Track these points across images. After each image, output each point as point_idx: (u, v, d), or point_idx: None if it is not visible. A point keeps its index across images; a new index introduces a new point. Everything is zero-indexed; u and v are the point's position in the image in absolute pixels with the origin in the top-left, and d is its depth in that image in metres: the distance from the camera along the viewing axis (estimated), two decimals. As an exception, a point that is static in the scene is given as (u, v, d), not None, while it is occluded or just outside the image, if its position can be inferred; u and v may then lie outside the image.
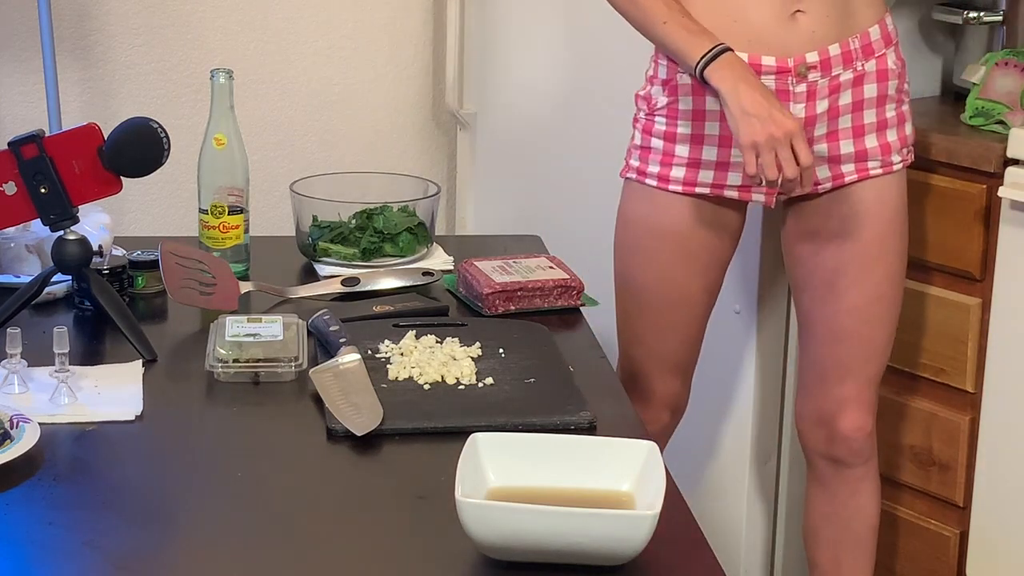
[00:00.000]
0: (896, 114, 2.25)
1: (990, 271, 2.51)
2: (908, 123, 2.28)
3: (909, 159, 2.29)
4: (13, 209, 1.92)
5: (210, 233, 2.20)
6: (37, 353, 1.82)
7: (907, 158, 2.29)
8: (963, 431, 2.59)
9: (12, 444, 1.58)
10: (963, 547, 2.63)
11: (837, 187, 2.24)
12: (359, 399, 1.72)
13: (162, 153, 1.93)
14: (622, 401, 1.84)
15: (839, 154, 2.21)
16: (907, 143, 2.28)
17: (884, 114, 2.23)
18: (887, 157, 2.24)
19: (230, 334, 1.86)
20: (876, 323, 2.31)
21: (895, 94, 2.24)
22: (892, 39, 2.23)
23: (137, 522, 1.49)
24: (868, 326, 2.31)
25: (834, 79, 2.17)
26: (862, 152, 2.22)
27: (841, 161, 2.22)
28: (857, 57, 2.18)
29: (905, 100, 2.27)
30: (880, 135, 2.23)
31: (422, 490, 1.55)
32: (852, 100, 2.19)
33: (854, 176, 2.23)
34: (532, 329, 1.98)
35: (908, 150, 2.29)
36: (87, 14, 3.07)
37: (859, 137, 2.22)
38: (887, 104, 2.23)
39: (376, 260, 2.26)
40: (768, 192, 2.23)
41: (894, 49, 2.24)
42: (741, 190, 2.23)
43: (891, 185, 2.26)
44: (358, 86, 3.32)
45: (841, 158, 2.22)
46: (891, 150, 2.24)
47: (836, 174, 2.23)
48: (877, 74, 2.20)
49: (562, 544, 1.37)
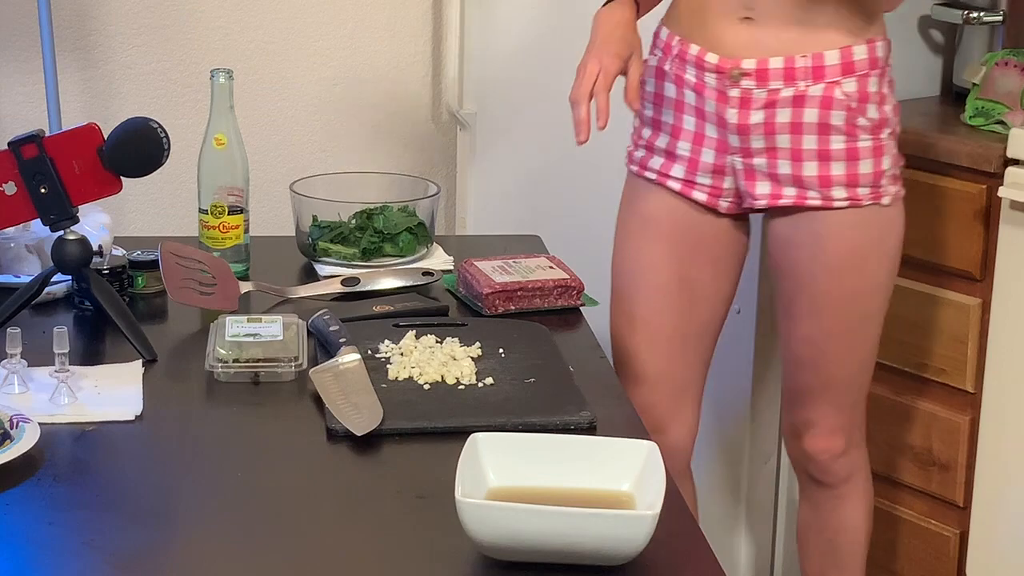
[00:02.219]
0: (846, 148, 2.12)
1: (990, 271, 2.51)
2: (867, 161, 2.13)
3: (867, 200, 2.14)
4: (13, 209, 1.92)
5: (210, 233, 2.20)
6: (37, 353, 1.82)
7: (860, 197, 2.14)
8: (963, 431, 2.59)
9: (12, 444, 1.58)
10: (963, 547, 2.63)
11: (776, 207, 2.17)
12: (359, 399, 1.72)
13: (162, 153, 1.93)
14: (622, 401, 1.84)
15: (777, 173, 2.14)
16: (862, 182, 2.13)
17: (828, 144, 2.12)
18: (827, 191, 2.13)
19: (230, 334, 1.86)
20: (833, 358, 2.24)
21: (843, 125, 2.11)
22: (856, 69, 2.11)
23: (137, 522, 1.49)
24: (825, 359, 2.24)
25: (772, 92, 2.10)
26: (799, 178, 2.13)
27: (780, 181, 2.15)
28: (803, 76, 2.10)
29: (863, 136, 2.13)
30: (823, 165, 2.12)
31: (422, 490, 1.55)
32: (791, 120, 2.11)
33: (791, 201, 2.15)
34: (532, 329, 1.98)
35: (868, 189, 2.14)
36: (87, 14, 3.07)
37: (797, 161, 2.13)
38: (832, 135, 2.11)
39: (376, 260, 2.26)
40: (711, 193, 2.19)
41: (857, 79, 2.11)
42: (684, 183, 2.21)
43: (847, 222, 2.15)
44: (358, 86, 3.32)
45: (779, 178, 2.14)
46: (831, 184, 2.13)
47: (774, 193, 2.15)
48: (821, 100, 2.10)
49: (562, 544, 1.37)
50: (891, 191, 2.17)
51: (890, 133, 2.17)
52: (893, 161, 2.18)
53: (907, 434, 2.69)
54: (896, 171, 2.19)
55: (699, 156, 2.19)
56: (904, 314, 2.65)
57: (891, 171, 2.17)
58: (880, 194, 2.15)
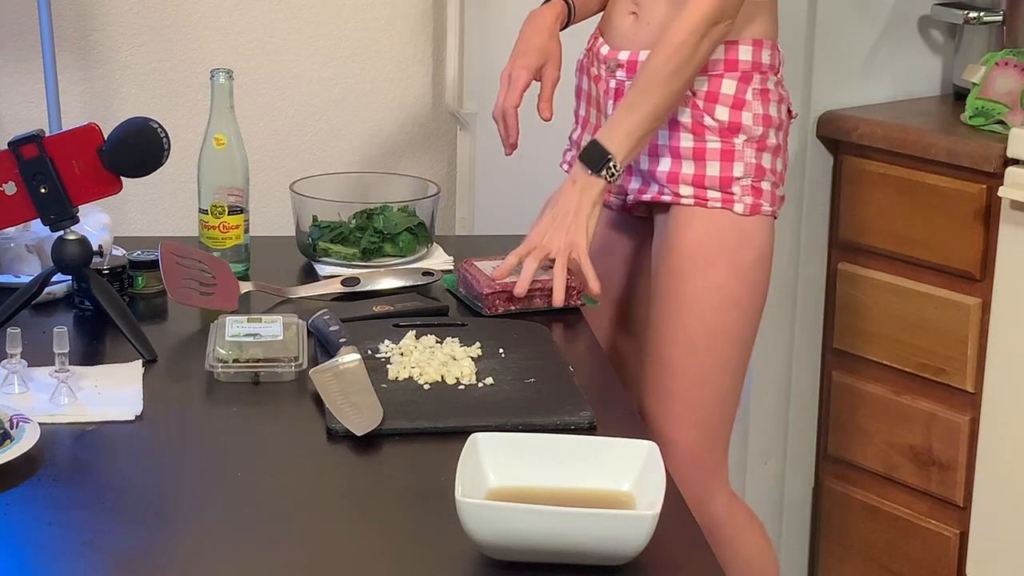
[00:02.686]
0: (694, 147, 2.07)
1: (990, 271, 2.51)
2: (714, 164, 2.06)
3: (715, 203, 2.07)
4: (13, 209, 1.92)
5: (210, 233, 2.20)
6: (37, 353, 1.82)
7: (707, 199, 2.07)
8: (963, 431, 2.59)
9: (12, 444, 1.58)
10: (963, 547, 2.63)
11: (643, 203, 2.15)
12: (359, 399, 1.72)
13: (162, 153, 1.93)
14: (622, 401, 1.84)
15: (640, 168, 2.13)
16: (708, 184, 2.07)
17: (678, 141, 2.08)
18: (675, 187, 2.09)
19: (230, 334, 1.86)
20: (671, 371, 2.10)
21: (689, 123, 2.06)
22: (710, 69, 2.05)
23: (137, 522, 1.49)
24: (664, 372, 2.12)
25: None
26: (653, 173, 2.11)
27: (643, 176, 2.13)
28: None
29: (711, 136, 2.06)
30: (674, 162, 2.08)
31: (422, 490, 1.55)
32: None
33: (651, 196, 2.12)
34: (532, 329, 1.98)
35: (717, 192, 2.06)
36: (87, 14, 3.07)
37: (654, 156, 2.10)
38: (680, 131, 2.07)
39: (376, 260, 2.26)
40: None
41: (709, 79, 2.05)
42: None
43: (696, 220, 2.08)
44: (358, 86, 3.32)
45: (643, 173, 2.13)
46: (679, 181, 2.08)
47: (641, 189, 2.14)
48: None
49: (562, 544, 1.37)
50: (747, 201, 2.07)
51: (747, 140, 2.07)
52: (749, 171, 2.07)
53: (907, 434, 2.69)
54: (759, 184, 2.08)
55: None
56: (904, 314, 2.65)
57: (747, 181, 2.07)
58: (732, 201, 2.07)
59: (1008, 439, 2.52)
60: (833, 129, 2.74)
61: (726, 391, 2.14)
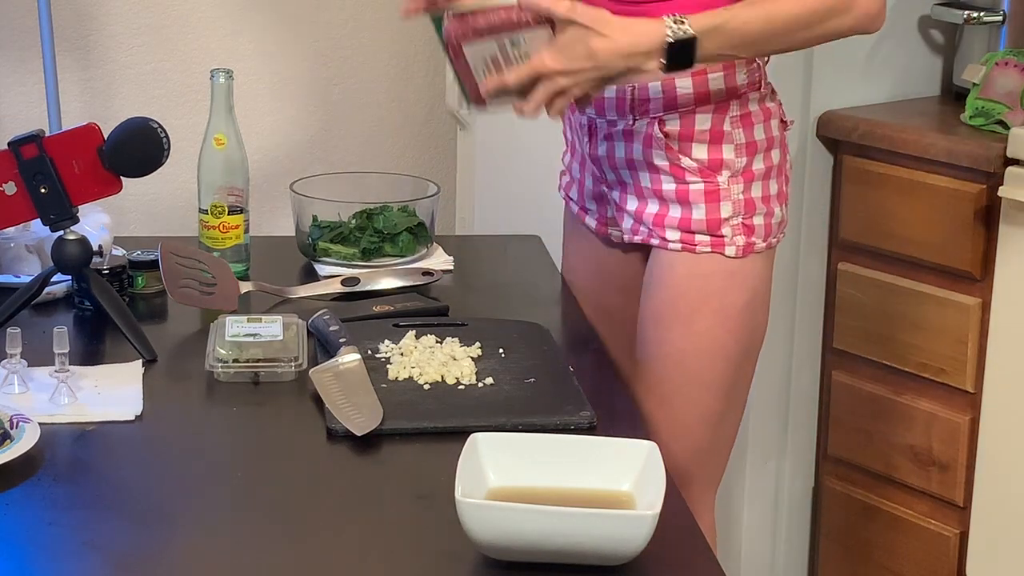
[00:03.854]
0: (676, 189, 1.95)
1: (990, 271, 2.51)
2: (699, 207, 1.95)
3: (704, 247, 1.96)
4: (13, 209, 1.92)
5: (210, 233, 2.20)
6: (37, 353, 1.82)
7: (696, 243, 1.96)
8: (963, 431, 2.60)
9: (12, 444, 1.58)
10: (963, 547, 2.63)
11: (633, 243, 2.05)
12: (359, 399, 1.72)
13: (162, 153, 1.93)
14: (622, 401, 1.84)
15: (625, 208, 2.02)
16: (695, 228, 1.95)
17: (660, 184, 1.97)
18: (660, 232, 1.97)
19: (230, 334, 1.86)
20: (648, 418, 1.96)
21: (667, 165, 1.95)
22: (680, 104, 1.93)
23: (137, 522, 1.49)
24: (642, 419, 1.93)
25: (611, 124, 1.99)
26: (640, 214, 2.00)
27: (633, 217, 2.02)
28: (630, 110, 1.96)
29: (692, 178, 1.95)
30: (662, 205, 1.97)
31: (422, 490, 1.55)
32: (626, 156, 1.99)
33: (641, 239, 2.01)
34: (532, 329, 1.98)
35: (706, 236, 1.95)
36: (87, 14, 3.07)
37: (640, 198, 1.99)
38: (661, 174, 1.96)
39: (376, 260, 2.26)
40: (599, 220, 2.11)
41: (681, 117, 1.93)
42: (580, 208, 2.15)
43: (679, 265, 1.97)
44: (358, 86, 3.32)
45: (632, 213, 2.02)
46: (664, 225, 1.97)
47: (633, 228, 2.03)
48: (644, 138, 1.96)
49: (562, 544, 1.37)
50: (738, 242, 1.95)
51: (733, 176, 1.95)
52: (739, 209, 1.95)
53: (907, 434, 2.69)
54: (750, 220, 1.96)
55: (584, 180, 2.13)
56: (904, 314, 2.65)
57: (737, 220, 1.95)
58: (723, 244, 1.95)
59: (1008, 439, 2.52)
60: (833, 129, 2.74)
61: (706, 439, 2.04)
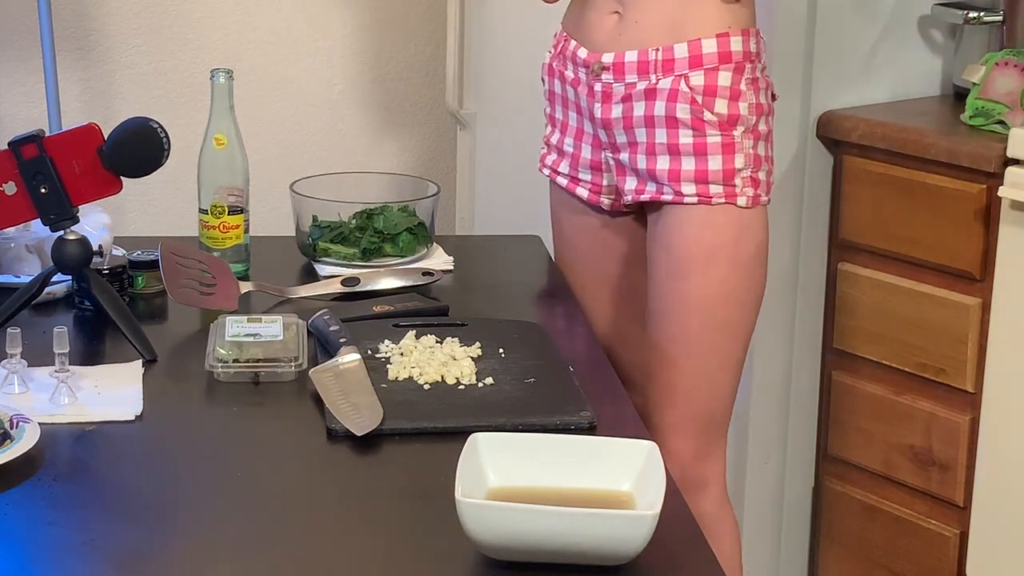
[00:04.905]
0: (694, 143, 2.06)
1: (990, 271, 2.51)
2: (716, 158, 2.06)
3: (719, 198, 2.07)
4: (13, 209, 1.92)
5: (210, 233, 2.20)
6: (37, 353, 1.82)
7: (711, 195, 2.07)
8: (963, 431, 2.59)
9: (12, 444, 1.58)
10: (963, 547, 2.63)
11: (642, 203, 2.13)
12: (359, 399, 1.72)
13: (162, 153, 1.93)
14: (622, 401, 1.84)
15: (637, 168, 2.10)
16: (712, 179, 2.06)
17: (677, 138, 2.06)
18: (676, 186, 2.07)
19: (230, 334, 1.86)
20: (671, 366, 2.12)
21: (689, 119, 2.05)
22: (705, 63, 2.05)
23: (137, 522, 1.49)
24: (665, 367, 2.13)
25: (629, 86, 2.08)
26: (652, 172, 2.09)
27: (641, 176, 2.11)
28: (654, 70, 2.06)
29: (711, 131, 2.06)
30: (673, 160, 2.07)
31: (422, 490, 1.55)
32: (645, 113, 2.08)
33: (650, 196, 2.10)
34: (532, 329, 1.98)
35: (720, 187, 2.07)
36: (87, 14, 3.07)
37: (651, 155, 2.08)
38: (680, 128, 2.06)
39: (376, 260, 2.26)
40: (592, 190, 2.19)
41: (706, 73, 2.05)
42: (569, 179, 2.22)
43: (695, 218, 2.08)
44: (358, 86, 3.32)
45: (640, 173, 2.10)
46: (680, 179, 2.07)
47: (638, 188, 2.12)
48: (669, 93, 2.05)
49: (562, 544, 1.37)
50: (748, 193, 2.08)
51: (745, 131, 2.08)
52: (749, 162, 2.08)
53: (907, 434, 2.69)
54: (757, 174, 2.10)
55: (579, 152, 2.19)
56: (904, 314, 2.65)
57: (747, 172, 2.08)
58: (735, 194, 2.07)
59: (1008, 439, 2.52)
60: (833, 129, 2.73)
61: (726, 383, 2.16)
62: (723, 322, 2.12)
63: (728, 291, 2.11)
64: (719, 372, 2.15)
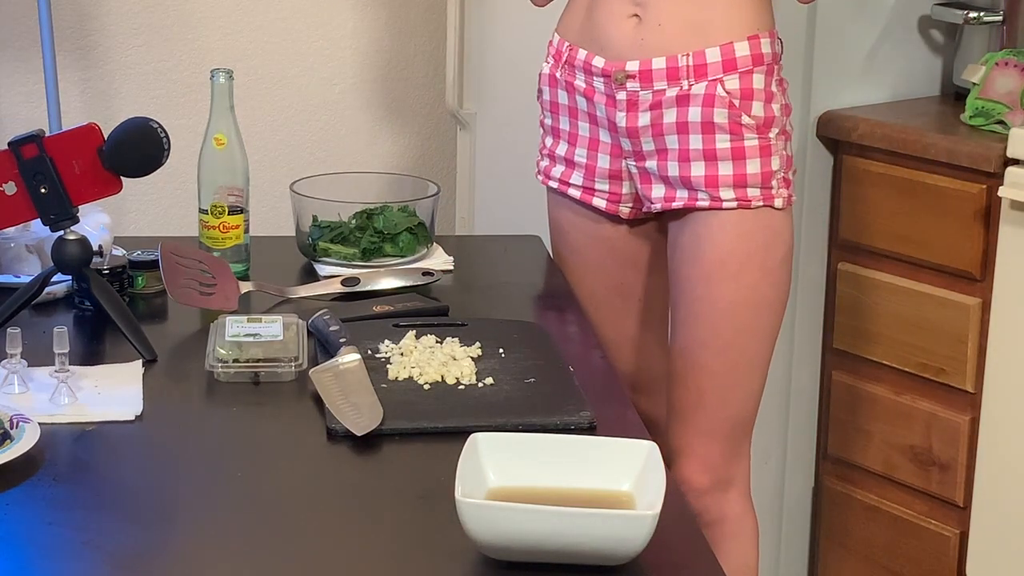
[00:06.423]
0: (732, 147, 2.05)
1: (990, 271, 2.51)
2: (754, 161, 2.05)
3: (757, 201, 2.06)
4: (13, 209, 1.92)
5: (210, 233, 2.20)
6: (37, 353, 1.82)
7: (750, 198, 2.06)
8: (963, 431, 2.60)
9: (12, 444, 1.58)
10: (963, 547, 2.63)
11: (670, 210, 2.11)
12: (359, 399, 1.72)
13: (162, 153, 1.93)
14: (622, 401, 1.84)
15: (667, 175, 2.08)
16: (751, 183, 2.06)
17: (713, 143, 2.05)
18: (714, 191, 2.06)
19: (230, 334, 1.86)
20: (703, 371, 2.12)
21: (726, 123, 2.04)
22: (739, 66, 2.04)
23: (137, 522, 1.49)
24: (695, 372, 2.13)
25: (657, 93, 2.05)
26: (687, 179, 2.06)
27: (671, 183, 2.08)
28: (686, 75, 2.04)
29: (749, 135, 2.05)
30: (710, 165, 2.05)
31: (422, 490, 1.55)
32: (676, 120, 2.05)
33: (682, 203, 2.08)
34: (532, 329, 1.98)
35: (758, 190, 2.06)
36: (87, 14, 3.07)
37: (685, 162, 2.06)
38: (717, 133, 2.04)
39: (376, 260, 2.26)
40: (610, 199, 2.16)
41: (740, 76, 2.04)
42: (584, 191, 2.19)
43: (728, 224, 2.07)
44: (358, 86, 3.32)
45: (671, 180, 2.08)
46: (718, 184, 2.05)
47: (668, 196, 2.09)
48: (704, 98, 2.03)
49: (562, 544, 1.37)
50: (783, 194, 2.09)
51: (778, 133, 2.09)
52: (783, 163, 2.09)
53: (907, 434, 2.69)
54: (787, 175, 2.10)
55: (596, 162, 2.16)
56: (904, 314, 2.65)
57: (781, 173, 2.09)
58: (772, 196, 2.07)
59: (1008, 439, 2.52)
60: (833, 129, 2.74)
61: (754, 386, 2.18)
62: (753, 327, 2.12)
63: (759, 297, 2.11)
64: (749, 375, 2.16)
